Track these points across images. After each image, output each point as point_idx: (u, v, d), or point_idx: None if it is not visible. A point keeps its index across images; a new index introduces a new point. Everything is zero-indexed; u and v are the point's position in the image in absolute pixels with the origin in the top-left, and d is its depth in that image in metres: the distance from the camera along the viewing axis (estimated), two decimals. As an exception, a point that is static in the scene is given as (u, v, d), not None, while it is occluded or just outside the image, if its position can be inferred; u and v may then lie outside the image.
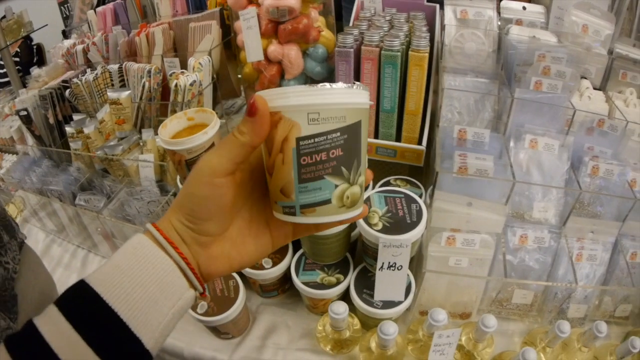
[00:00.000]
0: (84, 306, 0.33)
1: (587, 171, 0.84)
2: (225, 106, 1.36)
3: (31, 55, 2.96)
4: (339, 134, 0.35)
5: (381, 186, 0.95)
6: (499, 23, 1.07)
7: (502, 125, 0.92)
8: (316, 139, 0.35)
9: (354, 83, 0.36)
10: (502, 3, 1.10)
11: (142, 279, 0.34)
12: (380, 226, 0.68)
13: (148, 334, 0.34)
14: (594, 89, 1.02)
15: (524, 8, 1.09)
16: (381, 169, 1.01)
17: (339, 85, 0.35)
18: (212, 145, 0.80)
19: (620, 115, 0.92)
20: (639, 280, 0.78)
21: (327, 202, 0.36)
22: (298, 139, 0.35)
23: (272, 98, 0.35)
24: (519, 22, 1.08)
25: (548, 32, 1.05)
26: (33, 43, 2.72)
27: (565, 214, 0.81)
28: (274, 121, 0.35)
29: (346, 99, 0.35)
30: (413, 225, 0.68)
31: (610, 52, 1.05)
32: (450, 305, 0.79)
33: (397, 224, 0.68)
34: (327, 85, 0.34)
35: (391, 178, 0.97)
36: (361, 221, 0.69)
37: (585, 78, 1.04)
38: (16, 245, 0.74)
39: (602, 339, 0.70)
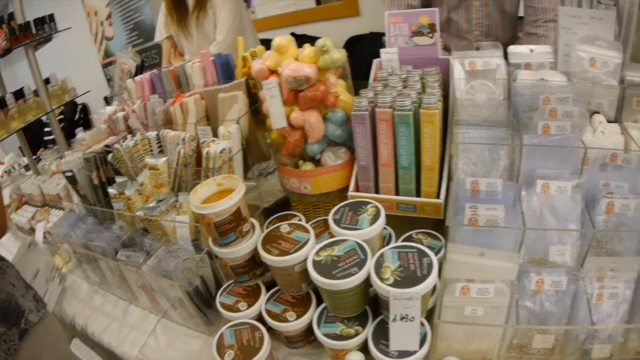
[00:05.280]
0: None
1: (603, 209, 0.83)
2: (260, 167, 1.43)
3: (74, 111, 3.30)
4: None
5: (403, 240, 0.97)
6: (508, 69, 1.07)
7: (515, 172, 0.93)
8: None
9: None
10: (509, 48, 1.11)
11: None
12: (391, 280, 0.72)
13: None
14: (609, 121, 0.99)
15: (531, 50, 1.10)
16: (404, 223, 1.03)
17: None
18: (238, 208, 0.88)
19: (635, 146, 0.89)
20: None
21: None
22: None
23: None
24: (527, 66, 1.08)
25: (556, 72, 1.05)
26: (78, 102, 3.00)
27: (583, 254, 0.81)
28: None
29: None
30: (423, 278, 0.71)
31: (622, 81, 1.01)
32: (469, 354, 0.80)
33: (407, 278, 0.72)
34: None
35: (413, 232, 1.00)
36: (374, 277, 0.74)
37: (598, 112, 1.01)
38: (16, 335, 0.73)
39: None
